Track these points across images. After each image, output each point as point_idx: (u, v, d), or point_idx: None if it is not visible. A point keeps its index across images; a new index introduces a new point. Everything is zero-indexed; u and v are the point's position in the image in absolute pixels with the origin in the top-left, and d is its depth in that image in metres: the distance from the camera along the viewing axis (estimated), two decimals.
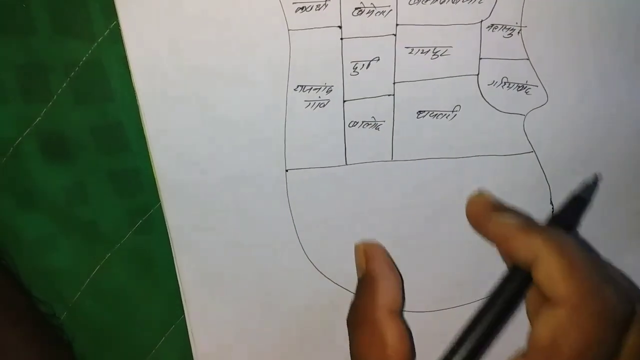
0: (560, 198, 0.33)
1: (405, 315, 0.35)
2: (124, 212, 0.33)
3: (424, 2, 0.29)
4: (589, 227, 0.34)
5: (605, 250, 0.34)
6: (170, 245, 0.32)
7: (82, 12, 0.29)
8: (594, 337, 0.24)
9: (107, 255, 0.33)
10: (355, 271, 0.33)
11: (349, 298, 0.34)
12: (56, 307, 0.34)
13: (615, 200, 0.33)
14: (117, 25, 0.28)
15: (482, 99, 0.31)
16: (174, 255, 0.33)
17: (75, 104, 0.30)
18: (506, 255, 0.29)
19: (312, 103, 0.30)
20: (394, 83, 0.31)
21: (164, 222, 0.32)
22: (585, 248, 0.28)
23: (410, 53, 0.30)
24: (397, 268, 0.32)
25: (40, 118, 0.30)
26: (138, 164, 0.31)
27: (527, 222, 0.28)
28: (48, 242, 0.33)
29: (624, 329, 0.25)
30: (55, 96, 0.30)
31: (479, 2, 0.29)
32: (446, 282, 0.35)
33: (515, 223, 0.28)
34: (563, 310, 0.24)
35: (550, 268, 0.25)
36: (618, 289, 0.26)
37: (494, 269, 0.34)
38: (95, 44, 0.29)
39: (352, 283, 0.34)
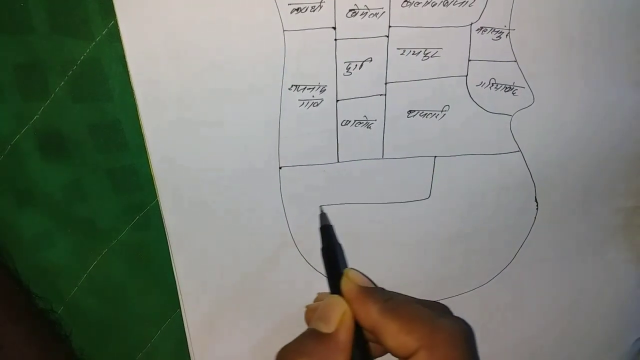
0: (544, 196, 0.34)
1: None
2: (121, 209, 0.33)
3: (415, 5, 0.30)
4: (573, 224, 0.35)
5: (588, 245, 0.35)
6: (166, 241, 0.33)
7: (80, 11, 0.29)
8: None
9: (104, 251, 0.34)
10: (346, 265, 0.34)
11: None
12: (53, 302, 0.35)
13: (598, 198, 0.35)
14: (115, 25, 0.29)
15: (471, 99, 0.32)
16: (170, 251, 0.33)
17: (73, 103, 0.30)
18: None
19: (305, 102, 0.31)
20: (385, 83, 0.31)
21: (161, 218, 0.32)
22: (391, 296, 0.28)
23: (402, 54, 0.31)
24: None
25: (38, 116, 0.30)
26: (135, 161, 0.32)
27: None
28: (46, 238, 0.33)
29: None
30: (53, 94, 0.30)
31: (469, 5, 0.30)
32: (434, 276, 0.36)
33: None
34: (424, 352, 0.25)
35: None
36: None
37: (480, 263, 0.36)
38: (94, 43, 0.29)
39: None
